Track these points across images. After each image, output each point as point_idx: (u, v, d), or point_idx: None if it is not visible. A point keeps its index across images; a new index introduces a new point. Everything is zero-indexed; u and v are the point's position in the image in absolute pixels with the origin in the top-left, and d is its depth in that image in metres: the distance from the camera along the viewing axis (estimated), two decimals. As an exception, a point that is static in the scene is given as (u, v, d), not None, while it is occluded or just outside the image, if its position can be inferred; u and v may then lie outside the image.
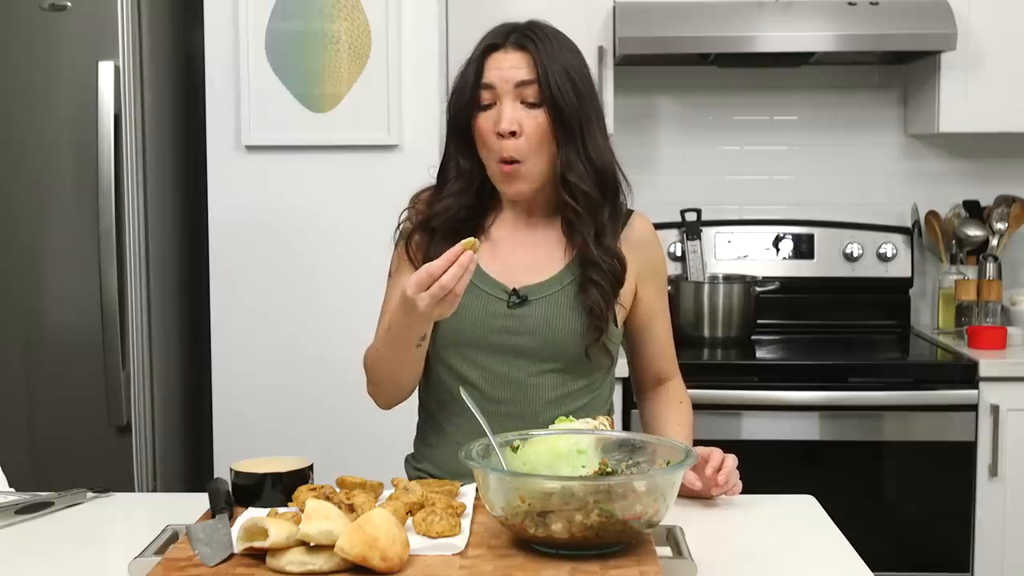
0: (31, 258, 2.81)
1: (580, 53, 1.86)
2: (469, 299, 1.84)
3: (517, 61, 1.78)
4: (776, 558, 1.58)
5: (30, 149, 2.78)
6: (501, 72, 1.78)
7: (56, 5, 2.73)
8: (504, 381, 1.85)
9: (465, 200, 1.86)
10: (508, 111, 1.77)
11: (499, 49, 1.81)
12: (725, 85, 3.58)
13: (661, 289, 1.96)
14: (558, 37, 1.84)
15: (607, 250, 1.83)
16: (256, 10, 2.82)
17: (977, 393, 2.98)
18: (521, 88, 1.78)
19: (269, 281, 2.89)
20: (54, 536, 1.69)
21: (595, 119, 1.83)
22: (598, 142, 1.82)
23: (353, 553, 1.35)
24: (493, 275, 1.87)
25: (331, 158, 2.86)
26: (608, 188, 1.83)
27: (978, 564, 3.00)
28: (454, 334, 1.86)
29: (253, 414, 2.86)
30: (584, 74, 1.83)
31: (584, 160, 1.80)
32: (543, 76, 1.77)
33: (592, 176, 1.81)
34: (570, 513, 1.38)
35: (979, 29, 3.21)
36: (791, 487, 1.90)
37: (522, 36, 1.80)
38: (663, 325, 1.96)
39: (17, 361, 2.81)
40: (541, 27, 1.84)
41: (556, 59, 1.78)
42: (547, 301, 1.85)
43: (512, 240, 1.90)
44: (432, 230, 1.87)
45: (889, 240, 3.49)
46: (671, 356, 1.99)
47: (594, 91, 1.84)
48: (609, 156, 1.84)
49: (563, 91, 1.77)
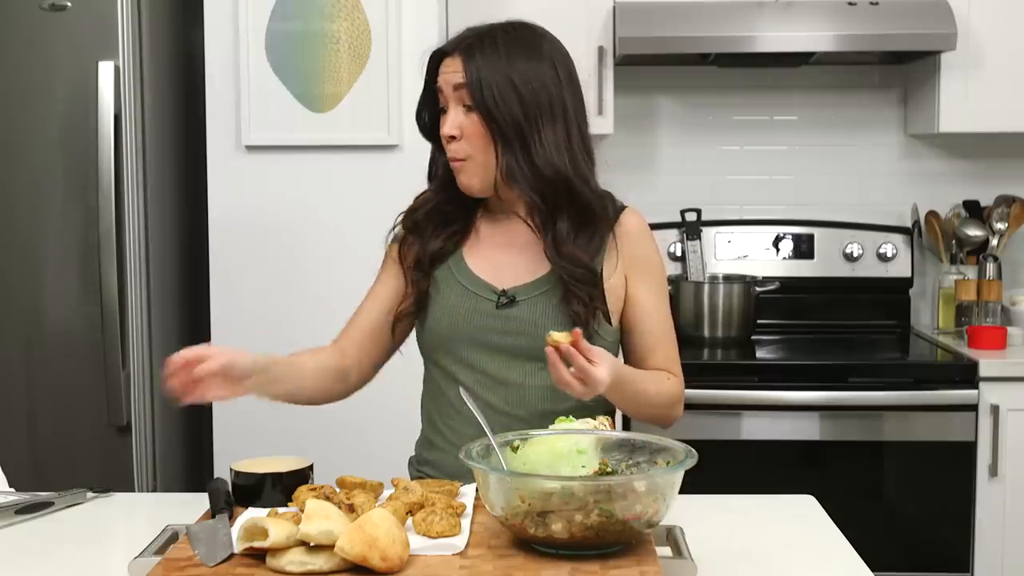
0: (31, 258, 2.80)
1: (548, 57, 1.82)
2: (458, 299, 1.87)
3: (457, 66, 1.80)
4: (776, 558, 1.58)
5: (30, 149, 2.78)
6: (444, 76, 1.82)
7: (56, 5, 2.73)
8: (497, 382, 1.85)
9: (444, 194, 1.90)
10: (451, 115, 1.81)
11: (447, 55, 1.84)
12: (725, 85, 3.58)
13: (653, 285, 1.92)
14: (516, 41, 1.81)
15: (569, 259, 1.80)
16: (256, 10, 2.82)
17: (977, 393, 2.97)
18: (460, 92, 1.80)
19: (269, 281, 2.89)
20: (54, 536, 1.69)
21: (549, 124, 1.79)
22: (546, 148, 1.78)
23: (353, 553, 1.35)
24: (481, 275, 1.88)
25: (331, 158, 2.86)
26: (559, 197, 1.80)
27: (978, 564, 3.00)
28: (444, 335, 1.87)
29: (253, 414, 2.85)
30: (540, 79, 1.79)
31: (526, 167, 1.78)
32: (474, 86, 1.78)
33: (535, 185, 1.79)
34: (570, 513, 1.38)
35: (979, 29, 3.21)
36: (791, 487, 1.90)
37: (466, 45, 1.81)
38: (657, 321, 1.91)
39: (17, 361, 2.82)
40: (495, 33, 1.82)
41: (495, 67, 1.78)
42: (535, 301, 1.85)
43: (498, 239, 1.91)
44: (421, 228, 1.91)
45: (889, 240, 3.49)
46: (666, 354, 1.92)
47: (554, 95, 1.80)
48: (562, 163, 1.79)
49: (498, 98, 1.76)
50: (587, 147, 1.86)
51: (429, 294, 1.90)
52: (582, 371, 1.64)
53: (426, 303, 1.90)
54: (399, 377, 2.00)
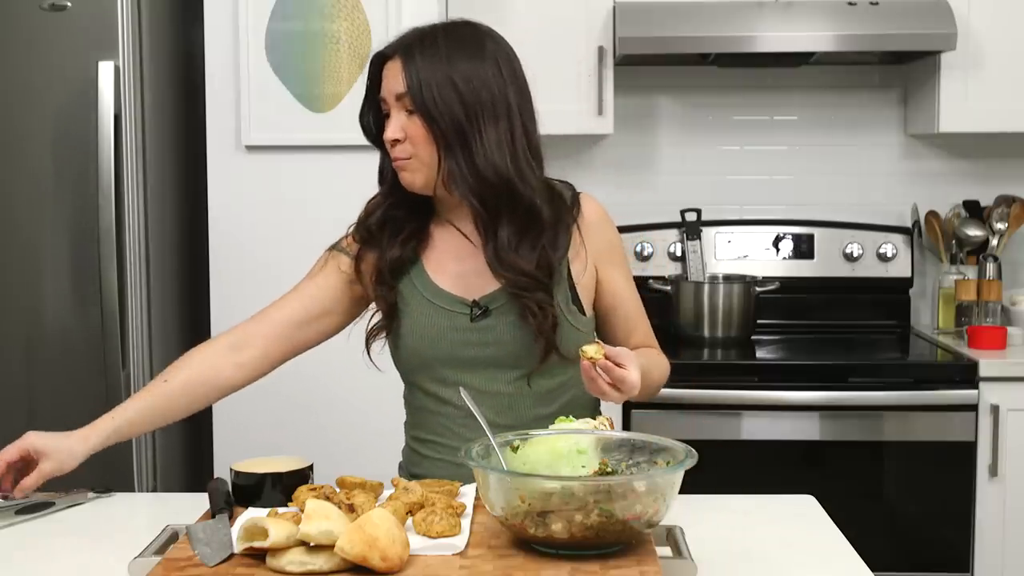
0: (31, 258, 2.81)
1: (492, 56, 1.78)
2: (430, 318, 1.83)
3: (396, 71, 1.78)
4: (776, 558, 1.58)
5: (30, 149, 2.78)
6: (386, 84, 1.80)
7: (56, 5, 2.73)
8: (484, 394, 1.80)
9: (394, 198, 1.86)
10: (393, 120, 1.78)
11: (387, 58, 1.81)
12: (725, 85, 3.58)
13: (622, 266, 1.91)
14: (457, 40, 1.79)
15: (511, 268, 1.76)
16: (256, 10, 2.83)
17: (977, 393, 2.97)
18: (400, 99, 1.77)
19: (269, 281, 2.86)
20: (54, 536, 1.69)
21: (491, 125, 1.75)
22: (488, 150, 1.74)
23: (353, 553, 1.35)
24: (448, 289, 1.84)
25: (331, 158, 2.86)
26: (501, 200, 1.76)
27: (978, 564, 3.00)
28: (423, 356, 1.84)
29: (253, 414, 2.86)
30: (481, 79, 1.75)
31: (467, 170, 1.75)
32: (413, 88, 1.75)
33: (476, 187, 1.75)
34: (570, 513, 1.38)
35: (979, 29, 3.21)
36: (791, 487, 1.90)
37: (405, 46, 1.79)
38: (632, 302, 1.92)
39: (17, 361, 2.81)
40: (435, 33, 1.79)
41: (434, 68, 1.75)
42: (506, 309, 1.81)
43: (455, 246, 1.86)
44: (375, 240, 1.86)
45: (889, 240, 3.49)
46: (644, 330, 1.92)
47: (497, 95, 1.76)
48: (503, 164, 1.75)
49: (438, 100, 1.73)
50: (532, 145, 1.81)
51: (398, 308, 1.85)
52: (619, 380, 1.65)
53: (395, 316, 1.86)
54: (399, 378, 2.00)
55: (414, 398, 1.92)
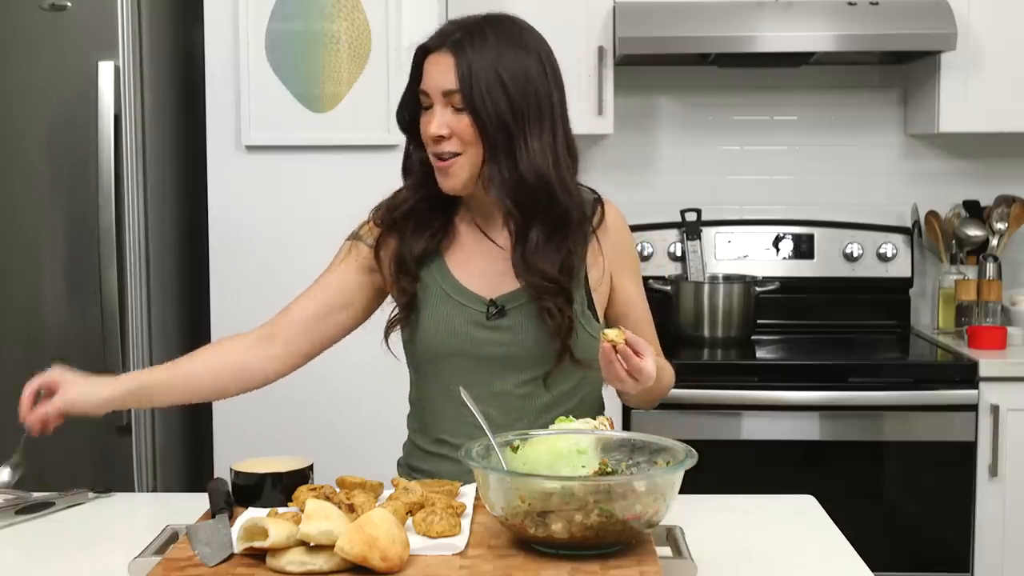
0: (31, 258, 2.80)
1: (535, 52, 1.77)
2: (447, 311, 1.83)
3: (445, 66, 1.74)
4: (776, 558, 1.58)
5: (31, 149, 2.78)
6: (431, 78, 1.76)
7: (56, 5, 2.73)
8: (492, 393, 1.81)
9: (422, 193, 1.84)
10: (438, 116, 1.74)
11: (433, 51, 1.77)
12: (725, 85, 3.57)
13: (635, 275, 1.92)
14: (505, 36, 1.75)
15: (537, 274, 1.76)
16: (256, 10, 2.83)
17: (977, 393, 2.97)
18: (448, 96, 1.74)
19: (269, 281, 2.89)
20: (54, 536, 1.69)
21: (536, 125, 1.74)
22: (532, 151, 1.73)
23: (353, 553, 1.35)
24: (468, 285, 1.84)
25: (331, 158, 2.86)
26: (539, 203, 1.75)
27: (978, 564, 3.00)
28: (437, 348, 1.84)
29: (253, 414, 2.86)
30: (528, 77, 1.74)
31: (507, 172, 1.73)
32: (465, 84, 1.72)
33: (514, 191, 1.73)
34: (570, 513, 1.38)
35: (979, 29, 3.21)
36: (791, 487, 1.90)
37: (456, 40, 1.74)
38: (642, 310, 1.92)
39: (17, 361, 2.81)
40: (483, 27, 1.75)
41: (486, 64, 1.72)
42: (523, 310, 1.81)
43: (480, 244, 1.86)
44: (399, 228, 1.85)
45: (889, 240, 3.49)
46: (650, 339, 1.90)
47: (542, 94, 1.75)
48: (546, 166, 1.74)
49: (487, 99, 1.71)
50: (571, 147, 1.81)
51: (417, 298, 1.84)
52: (636, 370, 1.65)
53: (414, 307, 1.85)
54: (399, 377, 2.00)
55: (421, 390, 1.91)
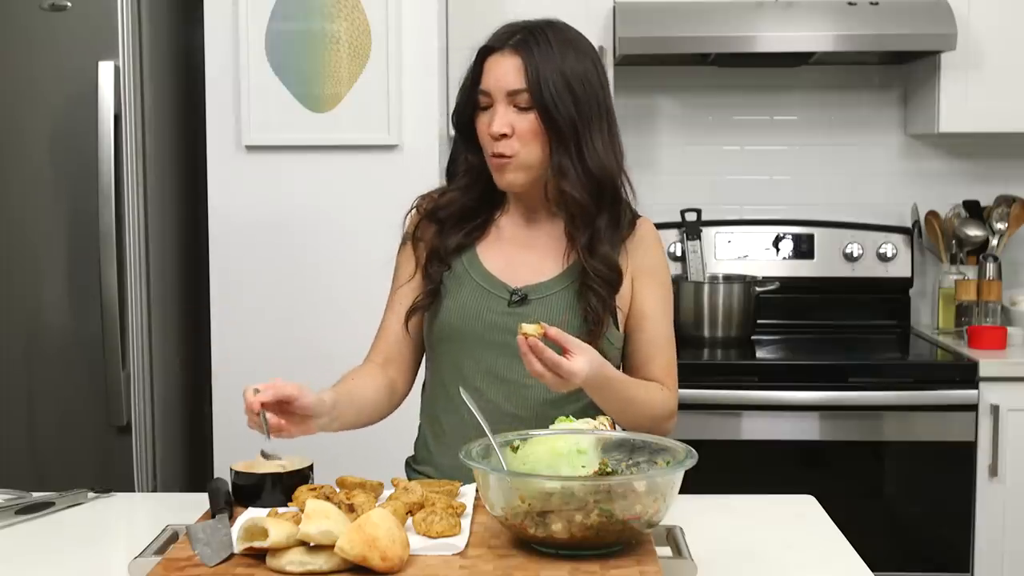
0: (31, 258, 2.80)
1: (589, 55, 1.83)
2: (470, 295, 1.86)
3: (510, 66, 1.79)
4: (776, 558, 1.58)
5: (30, 149, 2.78)
6: (495, 78, 1.80)
7: (56, 5, 2.73)
8: (501, 379, 1.85)
9: (471, 195, 1.89)
10: (500, 115, 1.79)
11: (496, 52, 1.81)
12: (725, 85, 3.58)
13: (657, 290, 1.92)
14: (564, 39, 1.81)
15: (602, 258, 1.82)
16: (256, 10, 2.82)
17: (977, 393, 2.97)
18: (513, 95, 1.79)
19: (269, 281, 2.89)
20: (54, 536, 1.69)
21: (597, 124, 1.81)
22: (597, 148, 1.80)
23: (353, 553, 1.35)
24: (495, 273, 1.88)
25: (331, 158, 2.86)
26: (605, 196, 1.82)
27: (978, 564, 3.00)
28: (454, 329, 1.87)
29: (253, 414, 2.86)
30: (588, 78, 1.81)
31: (578, 166, 1.79)
32: (533, 84, 1.77)
33: (586, 184, 1.80)
34: (570, 513, 1.39)
35: (979, 29, 3.21)
36: (791, 487, 1.90)
37: (520, 40, 1.79)
38: (659, 330, 1.91)
39: (17, 361, 2.81)
40: (544, 30, 1.81)
41: (552, 65, 1.77)
42: (547, 301, 1.85)
43: (516, 237, 1.91)
44: (440, 221, 1.90)
45: (889, 240, 3.49)
46: (665, 363, 1.90)
47: (600, 95, 1.82)
48: (610, 162, 1.82)
49: (556, 98, 1.77)
50: (622, 148, 1.87)
51: (443, 286, 1.88)
52: (551, 363, 1.64)
53: (438, 295, 1.89)
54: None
55: (434, 372, 1.94)
